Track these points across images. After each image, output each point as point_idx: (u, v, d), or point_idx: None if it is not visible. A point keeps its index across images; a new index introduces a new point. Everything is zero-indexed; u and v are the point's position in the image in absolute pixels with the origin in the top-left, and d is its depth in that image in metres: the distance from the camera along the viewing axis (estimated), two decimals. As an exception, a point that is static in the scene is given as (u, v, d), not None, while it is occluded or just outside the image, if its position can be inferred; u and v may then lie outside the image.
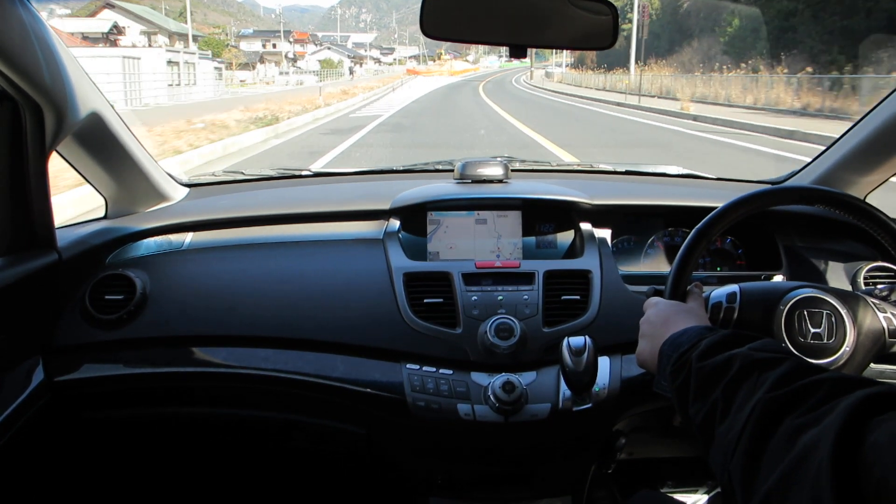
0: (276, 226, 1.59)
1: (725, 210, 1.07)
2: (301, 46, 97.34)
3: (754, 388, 0.67)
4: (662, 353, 0.87)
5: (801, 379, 0.65)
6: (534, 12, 1.09)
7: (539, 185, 1.66)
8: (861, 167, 1.52)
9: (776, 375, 0.66)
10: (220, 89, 36.52)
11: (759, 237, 1.60)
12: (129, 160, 1.47)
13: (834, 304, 1.07)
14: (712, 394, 0.72)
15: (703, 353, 0.78)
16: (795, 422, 0.60)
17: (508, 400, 1.22)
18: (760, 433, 0.62)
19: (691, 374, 0.77)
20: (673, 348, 0.84)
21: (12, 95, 1.13)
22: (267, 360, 1.33)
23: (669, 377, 0.82)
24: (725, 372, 0.72)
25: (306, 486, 1.74)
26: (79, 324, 1.35)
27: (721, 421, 0.69)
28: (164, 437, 1.55)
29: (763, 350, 0.73)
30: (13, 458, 1.18)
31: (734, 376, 0.71)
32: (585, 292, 1.38)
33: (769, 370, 0.68)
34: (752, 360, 0.71)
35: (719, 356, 0.75)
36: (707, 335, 0.81)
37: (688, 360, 0.79)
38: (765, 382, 0.66)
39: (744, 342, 0.76)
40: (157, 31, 54.94)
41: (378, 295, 1.37)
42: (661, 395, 0.92)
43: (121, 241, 1.50)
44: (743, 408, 0.66)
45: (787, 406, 0.62)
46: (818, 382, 0.63)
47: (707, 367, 0.75)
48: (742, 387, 0.69)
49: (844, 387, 0.61)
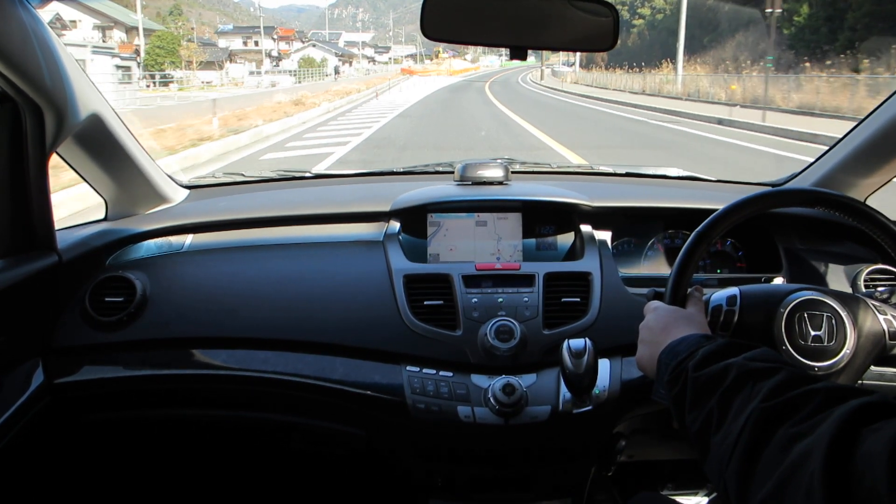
0: (276, 228, 1.59)
1: (725, 213, 1.07)
2: (287, 44, 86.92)
3: (749, 398, 0.68)
4: (661, 362, 0.88)
5: (795, 389, 0.65)
6: (534, 14, 1.09)
7: (539, 187, 1.66)
8: (862, 169, 1.52)
9: (771, 385, 0.67)
10: (127, 95, 26.55)
11: (759, 239, 1.60)
12: (130, 162, 1.47)
13: (834, 307, 1.06)
14: (708, 403, 0.73)
15: (699, 362, 0.78)
16: (789, 431, 0.60)
17: (508, 402, 1.21)
18: (755, 442, 0.63)
19: (688, 383, 0.78)
20: (671, 357, 0.85)
21: (12, 97, 1.13)
22: (267, 362, 1.33)
23: (667, 385, 0.83)
24: (721, 381, 0.73)
25: (306, 488, 1.74)
26: (79, 325, 1.35)
27: (717, 430, 0.70)
28: (163, 438, 1.55)
29: (759, 360, 0.74)
30: (13, 460, 1.17)
31: (729, 386, 0.71)
32: (586, 294, 1.38)
33: (764, 380, 0.69)
34: (748, 370, 0.72)
35: (715, 366, 0.76)
36: (704, 344, 0.82)
37: (684, 369, 0.80)
38: (759, 392, 0.67)
39: (740, 351, 0.77)
40: (114, 25, 50.70)
41: (378, 297, 1.37)
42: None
43: (121, 243, 1.50)
44: (738, 417, 0.67)
45: (782, 416, 0.63)
46: (812, 392, 0.64)
47: (703, 377, 0.76)
48: (737, 397, 0.70)
49: (838, 396, 0.62)
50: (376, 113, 18.21)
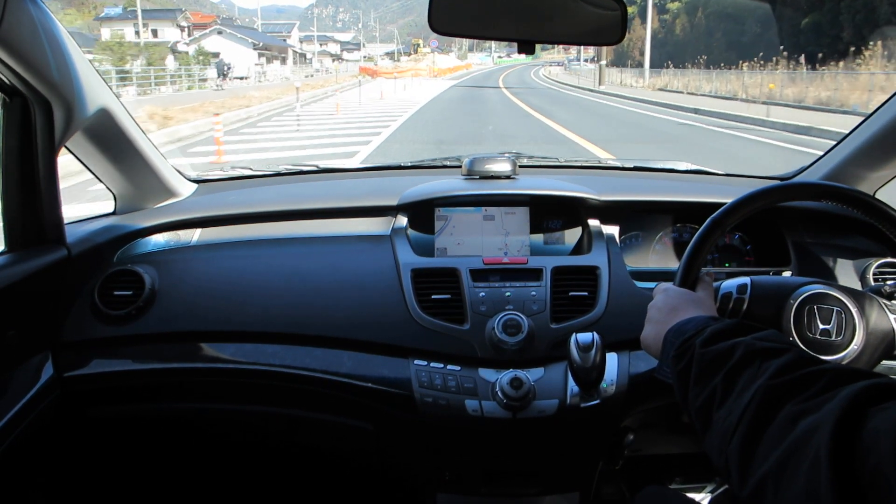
0: (284, 222, 1.59)
1: (740, 202, 1.07)
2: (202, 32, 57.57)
3: (756, 375, 0.68)
4: (667, 340, 0.88)
5: (803, 368, 0.66)
6: (542, 7, 1.08)
7: (547, 181, 1.65)
8: (871, 163, 1.51)
9: (779, 364, 0.67)
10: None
11: (767, 233, 1.59)
12: (138, 156, 1.47)
13: (844, 302, 1.06)
14: (713, 379, 0.73)
15: (707, 339, 0.78)
16: (795, 408, 0.61)
17: (516, 396, 1.22)
18: (760, 418, 0.63)
19: (693, 359, 0.78)
20: (678, 335, 0.85)
21: (22, 91, 1.13)
22: (275, 357, 1.33)
23: (672, 361, 0.83)
24: (728, 358, 0.73)
25: (314, 482, 1.74)
26: (88, 319, 1.36)
27: (720, 406, 0.70)
28: (171, 431, 1.56)
29: (767, 340, 0.74)
30: (23, 453, 1.18)
31: (736, 363, 0.72)
32: (593, 288, 1.38)
33: (772, 359, 0.69)
34: (756, 349, 0.72)
35: (723, 343, 0.76)
36: (712, 324, 0.82)
37: (691, 345, 0.80)
38: (767, 370, 0.67)
39: (749, 332, 0.77)
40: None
41: (386, 291, 1.37)
42: (664, 384, 0.92)
43: (129, 237, 1.51)
44: (743, 394, 0.67)
45: (788, 393, 0.63)
46: (820, 372, 0.64)
47: (710, 354, 0.76)
48: (744, 373, 0.70)
49: (846, 377, 0.62)
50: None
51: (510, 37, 1.12)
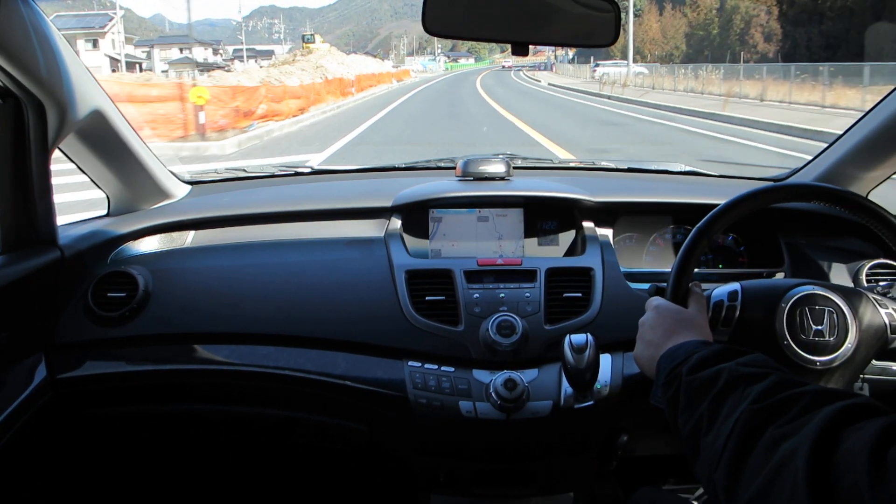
0: (278, 223, 1.59)
1: (726, 208, 1.06)
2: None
3: (739, 401, 0.69)
4: (659, 366, 0.89)
5: (784, 391, 0.67)
6: (536, 9, 1.09)
7: (541, 183, 1.65)
8: (864, 164, 1.52)
9: (760, 389, 0.69)
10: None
11: (761, 234, 1.60)
12: (132, 158, 1.47)
13: (836, 301, 1.06)
14: (700, 406, 0.74)
15: (692, 366, 0.80)
16: (776, 432, 0.62)
17: (510, 397, 1.22)
18: (743, 444, 0.64)
19: (681, 386, 0.79)
20: (668, 361, 0.86)
21: (15, 93, 1.13)
22: (269, 358, 1.33)
23: (662, 389, 0.84)
24: (713, 385, 0.74)
25: (308, 483, 1.74)
26: (81, 321, 1.35)
27: (707, 432, 0.71)
28: (166, 433, 1.56)
29: (750, 365, 0.75)
30: (16, 455, 1.18)
31: (720, 390, 0.73)
32: (587, 290, 1.38)
33: (754, 384, 0.70)
34: (739, 375, 0.73)
35: (708, 370, 0.77)
36: (700, 349, 0.83)
37: (678, 373, 0.81)
38: (749, 395, 0.69)
39: (733, 357, 0.78)
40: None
41: (380, 292, 1.37)
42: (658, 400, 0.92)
43: (123, 239, 1.51)
44: (727, 420, 0.68)
45: (769, 417, 0.64)
46: (799, 395, 0.65)
47: (696, 381, 0.77)
48: (728, 400, 0.71)
49: (824, 398, 0.63)
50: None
51: (504, 38, 1.12)
